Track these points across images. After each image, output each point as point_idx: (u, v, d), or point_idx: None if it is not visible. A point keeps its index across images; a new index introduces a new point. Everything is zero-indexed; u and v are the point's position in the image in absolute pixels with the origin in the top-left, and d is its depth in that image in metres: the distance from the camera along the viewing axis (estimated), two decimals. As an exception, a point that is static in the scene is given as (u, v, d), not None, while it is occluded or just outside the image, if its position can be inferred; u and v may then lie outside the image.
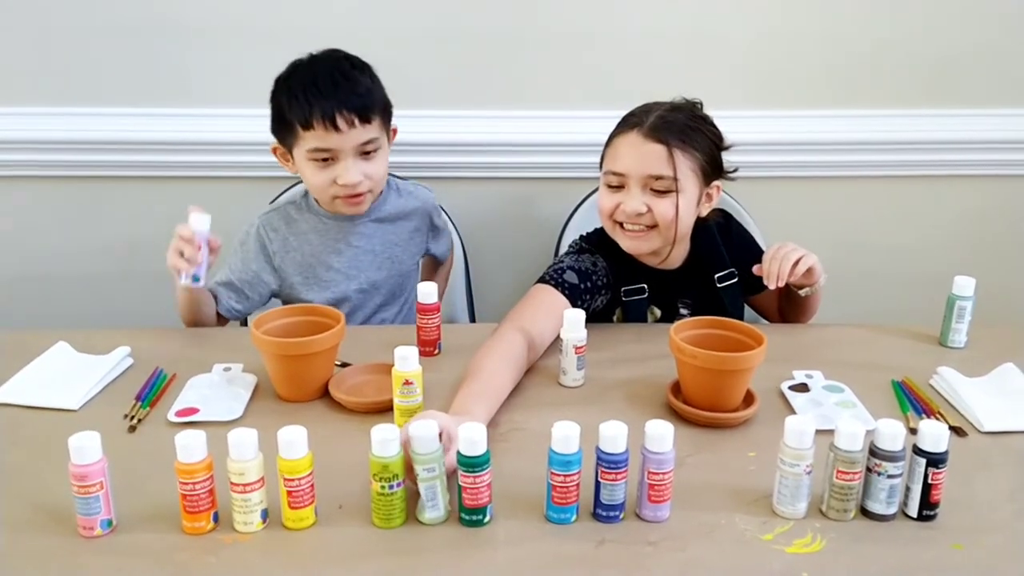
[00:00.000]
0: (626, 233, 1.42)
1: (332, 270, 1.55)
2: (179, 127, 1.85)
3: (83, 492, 0.92)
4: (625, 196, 1.39)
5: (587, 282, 1.42)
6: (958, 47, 1.88)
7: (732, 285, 1.54)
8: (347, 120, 1.41)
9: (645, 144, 1.36)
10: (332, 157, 1.44)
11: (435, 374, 1.28)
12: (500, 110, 1.88)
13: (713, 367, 1.15)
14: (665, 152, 1.35)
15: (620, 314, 1.52)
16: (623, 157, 1.38)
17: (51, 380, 1.27)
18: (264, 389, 1.26)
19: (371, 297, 1.59)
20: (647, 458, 0.95)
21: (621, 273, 1.47)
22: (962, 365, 1.32)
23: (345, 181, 1.44)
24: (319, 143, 1.42)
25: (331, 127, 1.41)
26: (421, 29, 1.82)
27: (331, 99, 1.41)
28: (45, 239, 1.95)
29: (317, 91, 1.41)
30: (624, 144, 1.39)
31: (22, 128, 1.84)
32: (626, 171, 1.38)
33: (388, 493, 0.94)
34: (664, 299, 1.50)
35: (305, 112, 1.41)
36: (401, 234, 1.61)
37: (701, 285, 1.52)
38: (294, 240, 1.55)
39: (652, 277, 1.49)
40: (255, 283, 1.54)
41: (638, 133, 1.37)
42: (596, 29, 1.84)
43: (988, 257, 2.02)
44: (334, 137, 1.42)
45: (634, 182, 1.38)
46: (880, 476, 0.96)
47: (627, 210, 1.38)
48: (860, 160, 1.96)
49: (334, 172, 1.45)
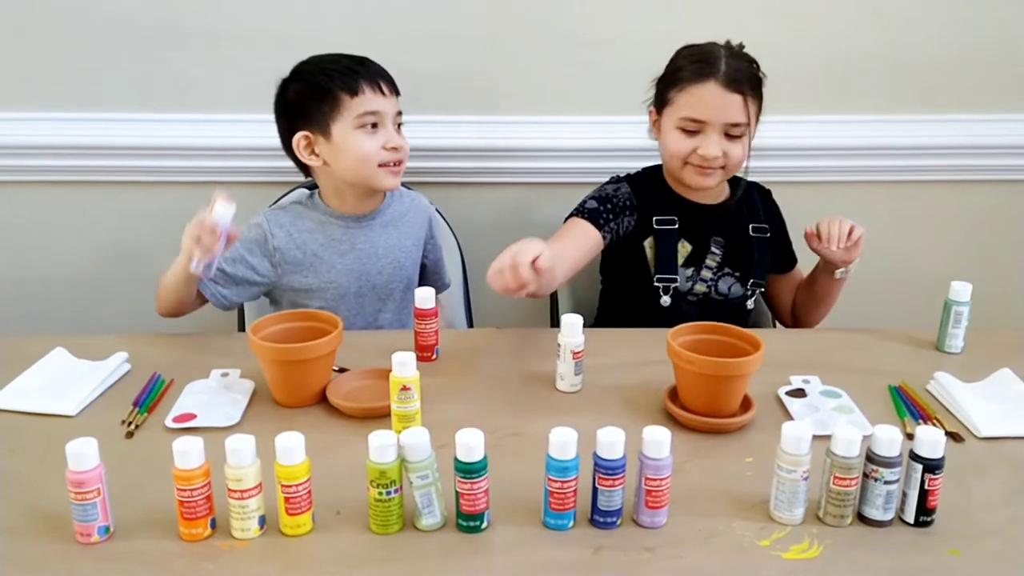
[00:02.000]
0: (697, 170, 1.51)
1: (333, 270, 1.55)
2: (178, 132, 1.85)
3: (80, 498, 0.92)
4: (703, 140, 1.49)
5: (607, 204, 1.55)
6: (954, 52, 1.89)
7: (764, 240, 1.63)
8: (388, 87, 1.50)
9: (726, 95, 1.46)
10: (378, 122, 1.49)
11: (433, 379, 1.28)
12: (499, 116, 1.88)
13: (710, 372, 1.15)
14: (741, 101, 1.47)
15: (652, 242, 1.58)
16: (705, 105, 1.47)
17: (48, 386, 1.27)
18: (261, 395, 1.26)
19: (369, 300, 1.59)
20: (644, 464, 0.95)
21: (652, 202, 1.58)
22: (959, 370, 1.32)
23: (395, 143, 1.50)
24: (369, 106, 1.47)
25: (378, 91, 1.48)
26: (419, 35, 1.82)
27: (369, 68, 1.49)
28: (43, 244, 1.95)
29: (355, 64, 1.49)
30: (704, 92, 1.47)
31: (20, 133, 1.84)
32: (708, 119, 1.47)
33: (385, 499, 0.94)
34: (696, 233, 1.56)
35: (352, 79, 1.46)
36: (403, 238, 1.61)
37: (736, 229, 1.61)
38: (298, 236, 1.55)
39: (685, 209, 1.58)
40: (249, 275, 1.53)
41: (716, 83, 1.46)
42: (596, 35, 1.84)
43: (985, 262, 2.02)
44: (381, 100, 1.48)
45: (712, 128, 1.48)
46: (877, 482, 0.96)
47: (706, 155, 1.48)
48: (856, 165, 1.96)
49: (382, 138, 1.49)
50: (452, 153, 1.90)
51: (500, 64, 1.85)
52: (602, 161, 1.86)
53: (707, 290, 1.60)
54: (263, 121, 1.54)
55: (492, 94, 1.88)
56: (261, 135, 1.51)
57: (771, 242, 1.64)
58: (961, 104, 1.93)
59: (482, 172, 1.92)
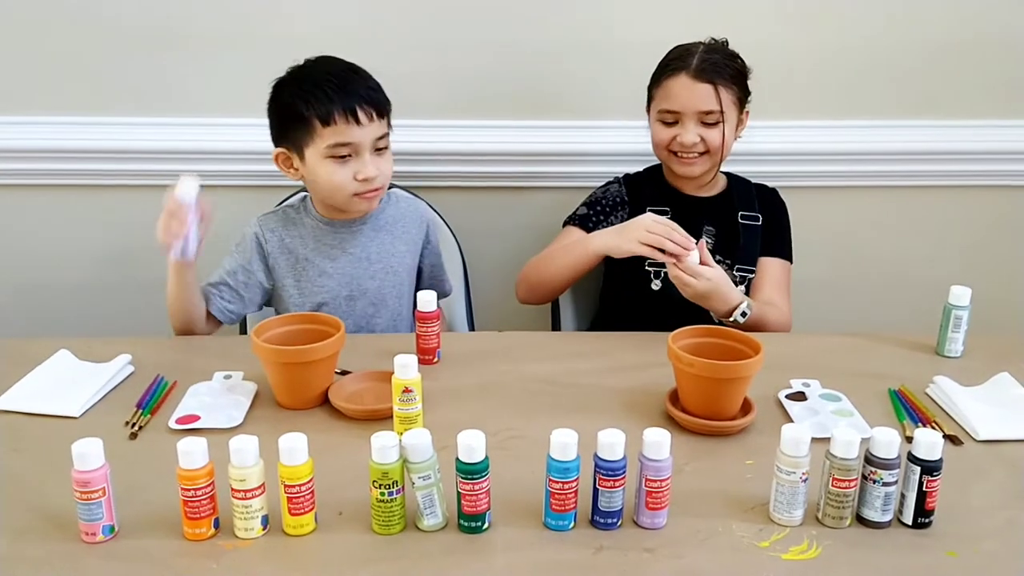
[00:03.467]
0: (681, 160, 1.61)
1: (324, 275, 1.56)
2: (179, 136, 1.85)
3: (85, 498, 0.93)
4: (680, 130, 1.59)
5: (596, 207, 1.68)
6: (956, 58, 1.89)
7: (754, 227, 1.67)
8: (367, 113, 1.43)
9: (695, 85, 1.56)
10: (351, 152, 1.45)
11: (434, 382, 1.28)
12: (500, 120, 1.89)
13: (711, 375, 1.16)
14: (712, 90, 1.55)
15: None
16: (676, 97, 1.58)
17: (52, 388, 1.28)
18: (264, 397, 1.27)
19: (361, 305, 1.58)
20: (645, 465, 0.96)
21: (646, 195, 1.68)
22: (958, 374, 1.32)
23: (366, 175, 1.45)
24: (340, 138, 1.43)
25: (352, 120, 1.42)
26: (418, 39, 1.83)
27: (351, 93, 1.43)
28: (46, 247, 1.96)
29: (335, 86, 1.42)
30: (676, 85, 1.57)
31: (24, 137, 1.85)
32: (681, 108, 1.57)
33: (387, 500, 0.94)
34: (688, 222, 1.56)
35: (326, 107, 1.41)
36: (396, 243, 1.61)
37: (727, 218, 1.67)
38: (290, 242, 1.56)
39: (679, 201, 1.67)
40: (251, 283, 1.54)
41: (687, 75, 1.56)
42: (594, 40, 1.85)
43: (985, 267, 2.02)
44: (355, 130, 1.43)
45: (687, 117, 1.57)
46: (875, 484, 0.96)
47: (684, 142, 1.58)
48: (856, 171, 1.97)
49: (353, 168, 1.45)
50: (454, 157, 1.90)
51: (503, 68, 1.86)
52: (605, 165, 1.86)
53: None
54: (259, 125, 1.54)
55: (493, 98, 1.88)
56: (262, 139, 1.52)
57: (763, 230, 1.67)
58: (961, 109, 1.93)
59: (483, 176, 1.93)
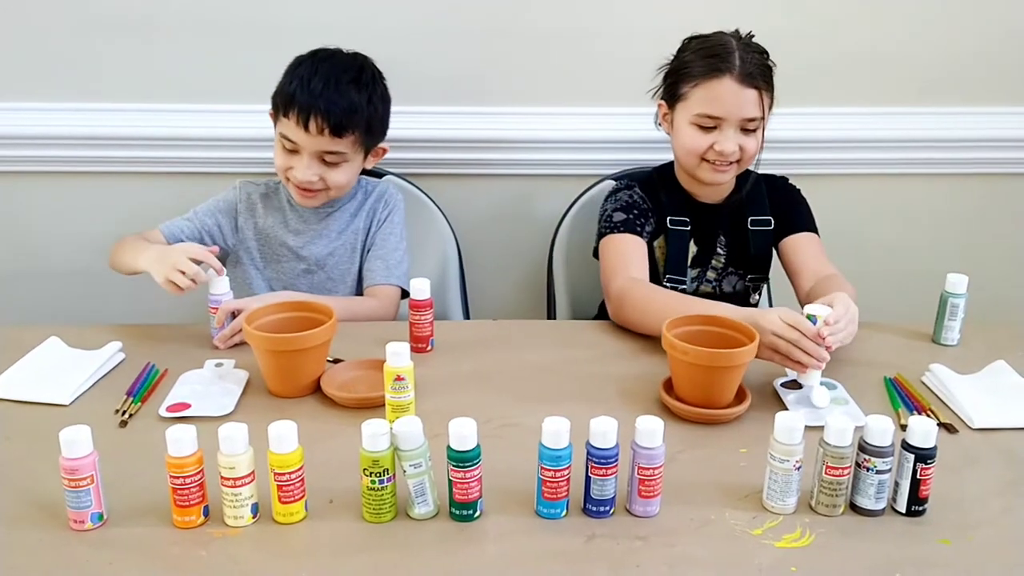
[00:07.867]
0: (714, 168, 1.50)
1: (284, 246, 1.62)
2: (174, 123, 1.84)
3: (74, 485, 0.92)
4: (719, 136, 1.47)
5: (633, 211, 1.55)
6: (954, 45, 1.88)
7: (764, 231, 1.60)
8: (318, 126, 1.46)
9: (742, 91, 1.44)
10: (295, 150, 1.50)
11: (427, 370, 1.28)
12: (496, 107, 1.88)
13: (705, 363, 1.15)
14: (757, 96, 1.45)
15: (663, 243, 1.58)
16: (723, 102, 1.46)
17: (43, 375, 1.27)
18: (256, 385, 1.26)
19: (319, 279, 1.63)
20: (637, 453, 0.95)
21: (664, 203, 1.58)
22: (954, 362, 1.32)
23: (296, 178, 1.51)
24: (287, 132, 1.49)
25: (302, 125, 1.46)
26: (417, 25, 1.81)
27: (314, 101, 1.46)
28: (37, 234, 1.95)
29: (307, 88, 1.47)
30: (722, 89, 1.45)
31: (16, 124, 1.84)
32: (725, 115, 1.46)
33: (378, 488, 0.94)
34: (704, 234, 1.57)
35: (288, 101, 1.47)
36: (359, 221, 1.64)
37: (737, 224, 1.60)
38: (261, 208, 1.63)
39: (696, 210, 1.59)
40: (213, 232, 1.61)
41: (732, 79, 1.44)
42: (592, 26, 1.84)
43: (981, 255, 2.02)
44: (301, 134, 1.47)
45: (729, 124, 1.47)
46: (869, 472, 0.96)
47: (724, 151, 1.47)
48: (853, 158, 1.96)
49: (292, 162, 1.51)
50: (448, 144, 1.89)
51: (497, 54, 1.85)
52: (600, 153, 1.85)
53: (712, 290, 1.60)
54: (258, 112, 1.54)
55: (489, 85, 1.87)
56: (260, 126, 1.52)
57: (775, 220, 1.61)
58: (959, 97, 1.92)
59: (479, 163, 1.92)
